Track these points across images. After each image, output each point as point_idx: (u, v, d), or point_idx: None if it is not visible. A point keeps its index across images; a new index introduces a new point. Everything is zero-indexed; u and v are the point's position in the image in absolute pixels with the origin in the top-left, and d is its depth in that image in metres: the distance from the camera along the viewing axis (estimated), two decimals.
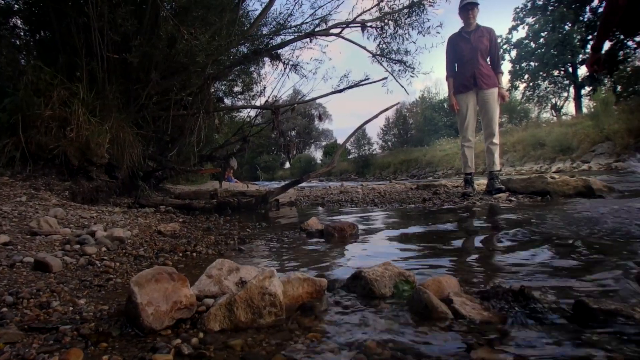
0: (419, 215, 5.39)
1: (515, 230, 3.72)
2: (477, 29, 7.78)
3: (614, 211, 4.53)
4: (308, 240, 3.80)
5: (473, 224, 4.41)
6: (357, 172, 58.35)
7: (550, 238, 3.24)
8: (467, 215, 5.14)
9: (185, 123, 7.75)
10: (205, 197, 7.48)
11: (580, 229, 3.63)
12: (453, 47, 8.02)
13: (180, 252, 3.26)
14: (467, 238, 3.54)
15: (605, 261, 2.47)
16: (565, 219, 4.34)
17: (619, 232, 3.33)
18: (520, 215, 4.73)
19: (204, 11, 6.92)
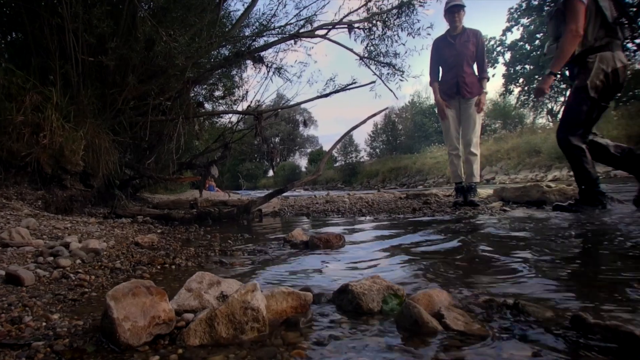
0: (408, 225, 5.40)
1: (509, 241, 3.75)
2: (462, 33, 7.83)
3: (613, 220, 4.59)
4: (293, 252, 3.79)
5: (465, 235, 4.44)
6: (343, 180, 58.31)
7: (546, 249, 3.27)
8: (460, 226, 5.16)
9: (163, 129, 7.74)
10: (185, 206, 7.46)
11: (579, 241, 3.67)
12: (437, 52, 8.08)
13: (159, 264, 3.25)
14: (459, 250, 3.54)
15: (603, 272, 2.51)
16: (560, 228, 4.38)
17: (611, 241, 3.36)
18: (514, 226, 4.77)
19: (183, 11, 6.92)
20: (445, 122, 7.92)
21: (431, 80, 8.20)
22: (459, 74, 7.80)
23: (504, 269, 2.76)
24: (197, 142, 10.22)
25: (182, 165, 8.67)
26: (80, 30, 6.09)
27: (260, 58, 9.11)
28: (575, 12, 5.49)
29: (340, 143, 9.23)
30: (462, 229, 4.90)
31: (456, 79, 7.82)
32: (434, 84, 8.10)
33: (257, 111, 8.40)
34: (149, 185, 9.53)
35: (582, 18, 5.51)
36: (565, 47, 5.55)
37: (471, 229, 4.86)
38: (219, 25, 7.57)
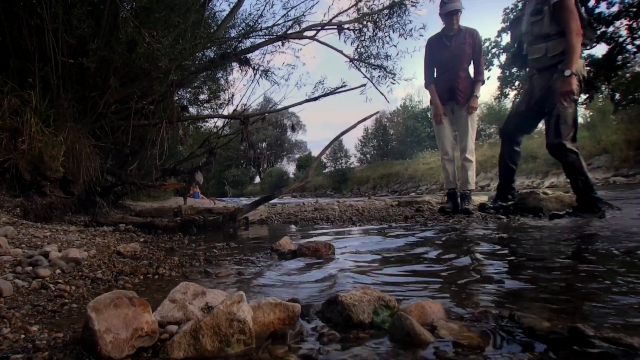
0: (400, 234, 5.40)
1: (502, 251, 3.77)
2: (458, 33, 7.81)
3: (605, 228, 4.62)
4: (280, 261, 3.80)
5: (459, 244, 4.45)
6: (333, 187, 58.31)
7: (541, 259, 3.29)
8: (453, 235, 5.17)
9: (146, 134, 7.71)
10: (169, 214, 7.46)
11: (574, 249, 3.69)
12: (432, 53, 8.07)
13: (141, 274, 3.25)
14: (452, 259, 3.55)
15: (601, 282, 2.52)
16: (554, 238, 4.41)
17: (610, 251, 3.39)
18: (509, 236, 4.79)
19: (166, 12, 6.89)
20: (440, 127, 7.92)
21: (426, 82, 8.18)
22: (453, 78, 7.80)
23: (498, 279, 2.77)
24: (181, 148, 10.20)
25: (165, 171, 8.65)
26: (60, 31, 6.07)
27: (247, 60, 9.05)
28: (573, 11, 5.72)
29: (329, 148, 9.24)
30: (455, 238, 4.91)
31: (450, 83, 7.81)
32: (431, 86, 8.06)
33: (244, 115, 8.37)
34: (132, 192, 9.50)
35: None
36: (576, 45, 5.69)
37: (465, 238, 4.88)
38: (203, 26, 7.53)
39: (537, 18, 6.04)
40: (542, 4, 6.01)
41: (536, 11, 6.03)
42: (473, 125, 7.80)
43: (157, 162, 7.48)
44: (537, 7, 6.05)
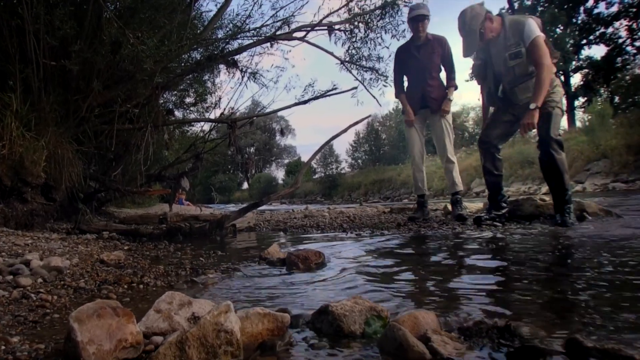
0: (392, 242, 5.41)
1: (498, 259, 3.79)
2: (426, 43, 7.79)
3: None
4: (269, 270, 3.80)
5: (453, 253, 4.46)
6: (323, 193, 58.35)
7: (538, 268, 3.30)
8: (447, 243, 5.18)
9: (131, 138, 7.69)
10: (154, 221, 7.46)
11: (571, 258, 3.71)
12: (400, 63, 8.08)
13: (126, 283, 3.24)
14: (447, 268, 3.56)
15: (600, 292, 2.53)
16: (550, 246, 4.43)
17: (609, 259, 3.40)
18: (506, 243, 4.80)
19: (151, 12, 6.89)
20: (411, 133, 7.97)
21: (397, 92, 8.19)
22: (424, 88, 7.82)
23: (494, 289, 2.78)
24: (167, 153, 10.20)
25: (150, 177, 8.64)
26: (41, 32, 6.05)
27: (234, 62, 9.06)
28: (544, 48, 6.10)
29: (319, 153, 9.21)
30: (449, 246, 4.92)
31: (422, 92, 7.84)
32: (401, 96, 8.08)
33: (231, 119, 8.37)
34: (115, 199, 9.50)
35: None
36: (546, 80, 6.00)
37: (459, 246, 4.89)
38: (190, 27, 7.52)
39: (517, 61, 6.31)
40: (516, 47, 6.31)
41: (515, 54, 6.31)
42: (449, 128, 7.82)
43: (142, 167, 7.47)
44: (515, 50, 6.32)
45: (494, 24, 6.46)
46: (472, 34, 6.48)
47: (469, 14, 6.50)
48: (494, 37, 6.50)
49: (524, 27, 6.23)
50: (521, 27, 6.26)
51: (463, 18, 6.58)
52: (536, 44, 6.12)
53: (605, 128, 24.72)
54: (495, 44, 6.55)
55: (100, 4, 6.25)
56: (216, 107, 10.04)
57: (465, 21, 6.52)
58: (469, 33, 6.50)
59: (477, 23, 6.42)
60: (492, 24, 6.44)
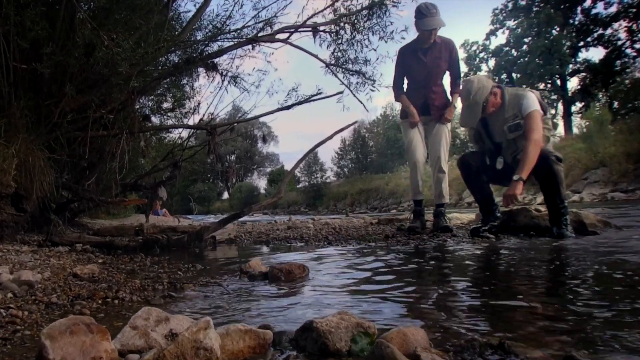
0: (380, 255, 5.40)
1: (491, 272, 3.81)
2: (434, 45, 7.72)
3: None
4: (250, 284, 3.80)
5: (443, 267, 4.49)
6: (307, 203, 58.43)
7: (538, 283, 3.33)
8: (437, 256, 5.20)
9: (105, 145, 7.64)
10: (130, 233, 7.44)
11: (567, 271, 3.74)
12: (404, 65, 8.03)
13: (100, 298, 3.23)
14: (437, 283, 3.57)
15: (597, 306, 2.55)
16: (545, 258, 4.46)
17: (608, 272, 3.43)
18: (497, 257, 4.83)
19: (127, 12, 6.85)
20: (413, 134, 7.84)
21: (397, 93, 8.15)
22: (427, 95, 7.82)
23: (487, 304, 2.79)
24: (143, 161, 10.17)
25: (126, 186, 8.62)
26: (11, 33, 6.04)
27: (214, 65, 9.06)
28: (537, 123, 6.31)
29: (303, 161, 9.19)
30: (440, 258, 4.95)
31: (424, 99, 7.84)
32: (402, 97, 8.01)
33: (211, 125, 8.33)
34: (89, 209, 9.45)
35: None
36: (533, 155, 6.14)
37: (450, 259, 4.91)
38: (167, 28, 7.46)
39: (517, 133, 6.45)
40: (514, 119, 6.48)
41: (515, 127, 6.46)
42: (447, 136, 7.81)
43: (117, 176, 7.42)
44: (513, 122, 6.48)
45: (497, 98, 6.57)
46: (475, 107, 6.57)
47: (475, 85, 6.61)
48: (496, 111, 6.61)
49: (523, 100, 6.42)
50: (521, 101, 6.44)
51: (469, 88, 6.68)
52: (530, 117, 6.30)
53: (604, 135, 24.76)
54: (494, 117, 6.65)
55: (74, 4, 6.24)
56: (195, 112, 10.02)
57: (470, 91, 6.62)
58: (472, 105, 6.60)
59: (482, 96, 6.51)
60: (495, 98, 6.59)
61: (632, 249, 4.76)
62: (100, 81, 6.91)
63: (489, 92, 6.52)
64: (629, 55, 47.09)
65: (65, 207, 7.84)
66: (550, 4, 48.19)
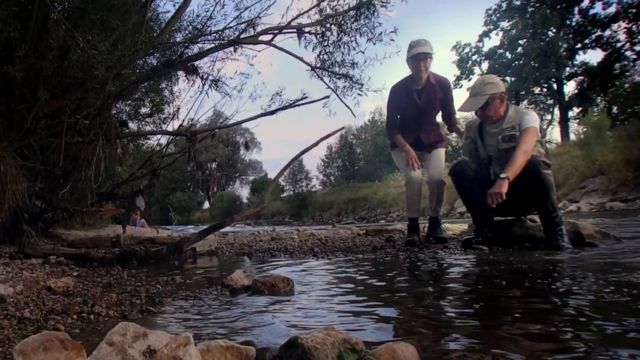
0: (368, 267, 5.45)
1: (483, 288, 3.83)
2: (427, 85, 7.74)
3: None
4: (232, 298, 3.81)
5: (434, 279, 4.51)
6: (292, 213, 58.44)
7: (532, 297, 3.35)
8: (428, 268, 5.22)
9: (80, 153, 7.58)
10: (106, 245, 7.43)
11: (563, 285, 3.76)
12: (397, 103, 8.02)
13: (75, 313, 3.22)
14: (427, 297, 3.59)
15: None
16: (540, 271, 4.49)
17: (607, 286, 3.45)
18: (491, 269, 4.85)
19: (103, 13, 6.84)
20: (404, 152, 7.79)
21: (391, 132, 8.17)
22: (421, 134, 7.92)
23: (479, 319, 2.82)
24: (120, 169, 10.15)
25: (102, 195, 8.59)
26: None
27: (194, 68, 9.01)
28: (532, 139, 6.44)
29: (288, 169, 9.18)
30: (431, 271, 4.96)
31: (417, 134, 7.91)
32: (397, 137, 7.95)
33: (191, 131, 8.26)
34: (64, 220, 9.41)
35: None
36: (519, 162, 6.21)
37: (441, 271, 4.93)
38: (145, 30, 7.48)
39: (511, 144, 6.52)
40: (511, 130, 6.59)
41: (509, 137, 6.57)
42: (443, 157, 7.95)
43: (93, 184, 7.38)
44: (509, 133, 6.58)
45: (502, 107, 6.63)
46: (480, 97, 6.64)
47: (491, 79, 6.80)
48: (495, 120, 6.73)
49: (525, 116, 6.56)
50: (522, 117, 6.57)
51: (483, 79, 6.88)
52: (527, 131, 6.39)
53: (602, 141, 24.77)
54: (491, 128, 6.71)
55: (47, 4, 6.22)
56: (174, 118, 10.00)
57: (483, 83, 6.77)
58: (478, 94, 6.67)
59: (491, 91, 6.58)
60: (500, 105, 6.68)
61: (633, 261, 4.78)
62: (75, 85, 6.89)
63: (499, 92, 6.62)
64: (628, 57, 47.14)
65: (38, 218, 7.82)
66: (546, 4, 48.19)
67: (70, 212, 7.87)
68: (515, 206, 6.80)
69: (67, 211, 7.80)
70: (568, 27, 49.74)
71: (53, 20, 6.35)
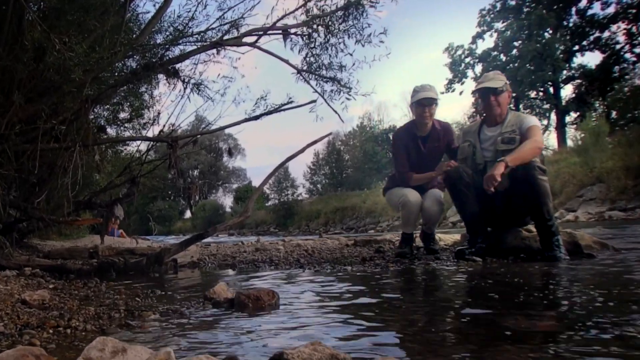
0: (356, 280, 5.47)
1: (476, 300, 3.86)
2: (432, 131, 7.75)
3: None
4: (215, 312, 3.81)
5: (426, 293, 4.53)
6: (277, 223, 58.42)
7: (527, 311, 3.37)
8: (419, 280, 5.25)
9: (57, 159, 7.54)
10: (83, 256, 7.42)
11: (558, 295, 3.79)
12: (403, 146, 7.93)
13: (51, 327, 3.22)
14: (418, 311, 3.60)
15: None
16: (535, 282, 4.51)
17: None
18: (485, 282, 4.87)
19: (81, 13, 6.83)
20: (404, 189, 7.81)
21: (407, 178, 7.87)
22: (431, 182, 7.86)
23: (470, 334, 2.82)
24: (98, 176, 10.12)
25: (79, 204, 8.56)
26: None
27: (175, 71, 8.93)
28: (540, 133, 6.66)
29: (273, 177, 9.17)
30: (421, 283, 4.99)
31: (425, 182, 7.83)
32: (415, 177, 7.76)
33: (172, 137, 8.19)
34: (39, 230, 9.37)
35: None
36: (528, 153, 6.27)
37: (432, 285, 4.96)
38: (124, 31, 7.43)
39: (509, 147, 6.53)
40: (511, 133, 6.64)
41: (509, 140, 6.60)
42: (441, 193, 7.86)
43: (70, 193, 7.35)
44: (509, 136, 6.63)
45: (503, 107, 6.76)
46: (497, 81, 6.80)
47: (501, 75, 6.98)
48: (497, 119, 6.84)
49: (526, 118, 6.68)
50: (523, 118, 6.69)
51: (495, 72, 7.11)
52: (533, 128, 6.46)
53: (601, 148, 24.77)
54: (491, 130, 6.76)
55: (22, 4, 6.21)
56: (155, 123, 9.89)
57: (496, 73, 7.05)
58: (494, 79, 6.83)
59: (499, 84, 6.74)
60: (507, 101, 6.89)
61: (632, 273, 4.81)
62: (51, 89, 6.87)
63: (504, 87, 6.79)
64: (628, 60, 47.17)
65: (12, 227, 7.79)
66: (543, 4, 48.24)
67: (46, 222, 7.83)
68: (510, 215, 6.81)
69: (42, 221, 7.77)
70: (565, 28, 49.78)
71: (28, 21, 6.34)
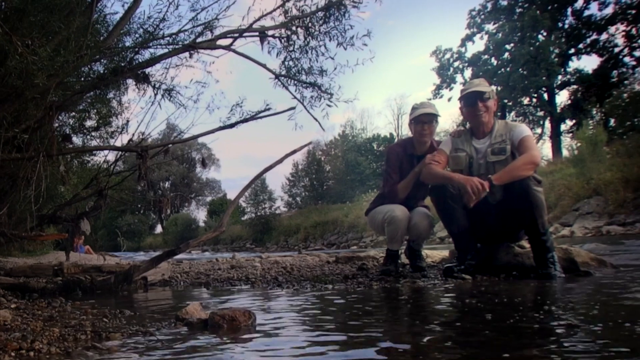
0: (338, 299, 5.49)
1: (465, 322, 3.89)
2: (428, 152, 7.64)
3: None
4: (187, 333, 3.81)
5: (411, 312, 4.55)
6: (254, 238, 58.49)
7: (520, 333, 3.40)
8: (405, 299, 5.27)
9: (19, 170, 7.56)
10: (47, 273, 7.40)
11: (553, 312, 3.82)
12: (398, 161, 7.91)
13: (13, 350, 3.20)
14: (403, 331, 3.64)
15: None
16: (532, 300, 4.55)
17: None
18: (475, 299, 4.91)
19: (44, 14, 6.83)
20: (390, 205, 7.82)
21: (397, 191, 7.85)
22: (412, 200, 7.91)
23: (465, 354, 2.85)
24: (63, 188, 10.08)
25: (43, 218, 8.54)
26: None
27: (145, 76, 8.88)
28: (534, 145, 6.65)
29: (249, 189, 9.17)
30: (407, 304, 5.01)
31: (409, 203, 7.85)
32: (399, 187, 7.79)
33: (141, 147, 8.19)
34: (0, 245, 9.37)
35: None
36: (522, 169, 6.26)
37: (419, 305, 4.98)
38: (91, 33, 7.35)
39: (500, 157, 6.63)
40: (501, 143, 6.71)
41: (499, 150, 6.68)
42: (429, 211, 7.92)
43: (33, 206, 7.34)
44: (499, 146, 6.70)
45: (490, 114, 6.83)
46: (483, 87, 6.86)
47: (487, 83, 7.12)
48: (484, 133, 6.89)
49: (517, 127, 6.72)
50: (513, 127, 6.74)
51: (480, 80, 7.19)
52: (527, 139, 6.50)
53: (598, 158, 24.80)
54: (478, 142, 6.82)
55: None
56: (123, 132, 9.83)
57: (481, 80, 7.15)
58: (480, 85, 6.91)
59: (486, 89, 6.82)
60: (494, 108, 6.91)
61: (632, 293, 4.84)
62: (13, 95, 6.85)
63: (490, 94, 6.85)
64: (627, 64, 47.19)
65: None
66: (536, 4, 48.29)
67: (7, 237, 7.81)
68: (502, 229, 6.85)
69: (4, 236, 7.75)
70: (560, 31, 49.88)
71: None
